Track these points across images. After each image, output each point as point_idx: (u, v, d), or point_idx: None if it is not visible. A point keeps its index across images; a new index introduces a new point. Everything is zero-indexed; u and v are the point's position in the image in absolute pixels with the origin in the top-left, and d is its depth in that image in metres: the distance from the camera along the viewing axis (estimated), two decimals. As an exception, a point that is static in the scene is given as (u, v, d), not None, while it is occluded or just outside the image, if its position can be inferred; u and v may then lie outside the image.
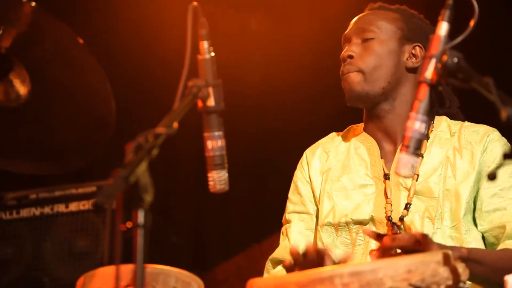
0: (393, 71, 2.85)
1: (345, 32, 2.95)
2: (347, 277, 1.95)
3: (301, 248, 2.48)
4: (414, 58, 2.87)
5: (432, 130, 2.88)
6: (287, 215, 2.97)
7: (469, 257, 2.52)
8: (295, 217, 2.93)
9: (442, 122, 2.91)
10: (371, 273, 1.95)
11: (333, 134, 3.04)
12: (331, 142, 3.00)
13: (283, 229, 2.98)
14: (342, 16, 2.98)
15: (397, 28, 2.89)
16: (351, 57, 2.87)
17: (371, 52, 2.86)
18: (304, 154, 3.02)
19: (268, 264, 2.94)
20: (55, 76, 3.69)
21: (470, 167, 2.79)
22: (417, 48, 2.88)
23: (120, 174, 1.80)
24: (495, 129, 2.84)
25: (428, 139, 2.84)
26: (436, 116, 2.92)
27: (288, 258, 2.77)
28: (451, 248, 2.53)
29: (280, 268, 2.89)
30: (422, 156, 2.80)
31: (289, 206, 2.97)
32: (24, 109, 3.67)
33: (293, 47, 5.17)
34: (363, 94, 2.85)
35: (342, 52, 2.90)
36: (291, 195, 2.99)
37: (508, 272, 2.57)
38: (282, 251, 2.91)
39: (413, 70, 2.87)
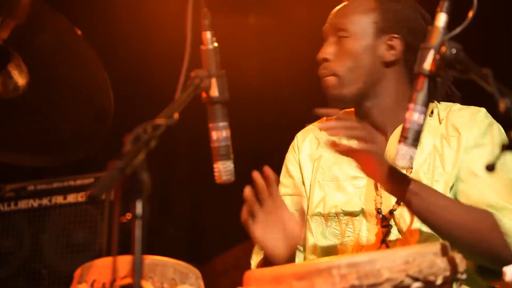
0: (369, 71, 2.78)
1: (323, 27, 2.89)
2: (344, 268, 1.95)
3: None
4: (392, 51, 2.79)
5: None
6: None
7: (412, 189, 2.48)
8: (287, 199, 2.89)
9: (433, 109, 2.84)
10: (368, 264, 1.96)
11: (325, 119, 2.96)
12: None
13: None
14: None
15: (372, 21, 2.79)
16: (326, 60, 2.82)
17: (346, 53, 2.79)
18: (295, 138, 3.00)
19: (256, 245, 2.91)
20: (53, 67, 3.68)
21: (455, 155, 2.74)
22: (395, 39, 2.78)
23: (116, 166, 1.80)
24: (482, 109, 2.78)
25: None
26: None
27: None
28: (401, 175, 2.50)
29: None
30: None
31: (281, 189, 2.94)
32: (22, 101, 3.66)
33: (292, 37, 5.16)
34: (340, 97, 2.80)
35: (319, 53, 2.85)
36: (283, 178, 2.98)
37: (455, 225, 2.51)
38: None
39: (392, 64, 2.80)
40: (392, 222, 2.73)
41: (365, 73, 2.78)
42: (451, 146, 2.76)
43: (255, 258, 2.90)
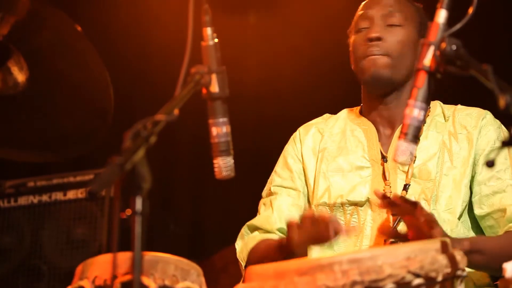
0: (412, 62, 2.77)
1: (365, 10, 2.88)
2: (346, 264, 1.96)
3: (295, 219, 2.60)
4: None
5: (428, 115, 2.87)
6: (272, 188, 2.97)
7: (471, 249, 2.55)
8: (283, 191, 2.93)
9: (437, 107, 2.92)
10: (370, 260, 1.96)
11: (327, 115, 3.04)
12: (325, 123, 3.00)
13: (265, 200, 2.98)
14: (341, 4, 2.97)
15: (417, 22, 2.86)
16: (379, 39, 2.81)
17: (398, 39, 2.82)
18: (297, 131, 3.02)
19: (244, 230, 2.95)
20: (53, 64, 3.69)
21: (467, 152, 2.81)
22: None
23: (116, 162, 1.80)
24: (488, 112, 2.85)
25: (424, 123, 2.83)
26: (431, 101, 2.91)
27: (268, 228, 2.87)
28: (453, 240, 2.53)
29: (256, 233, 2.90)
30: (419, 139, 2.79)
31: (276, 179, 2.97)
32: (22, 98, 3.67)
33: (293, 34, 5.16)
34: (387, 78, 2.82)
35: (367, 32, 2.83)
36: (280, 169, 2.99)
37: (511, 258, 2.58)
38: (263, 220, 2.91)
39: None
40: None
41: (410, 64, 2.80)
42: (459, 143, 2.82)
43: (240, 242, 2.94)
